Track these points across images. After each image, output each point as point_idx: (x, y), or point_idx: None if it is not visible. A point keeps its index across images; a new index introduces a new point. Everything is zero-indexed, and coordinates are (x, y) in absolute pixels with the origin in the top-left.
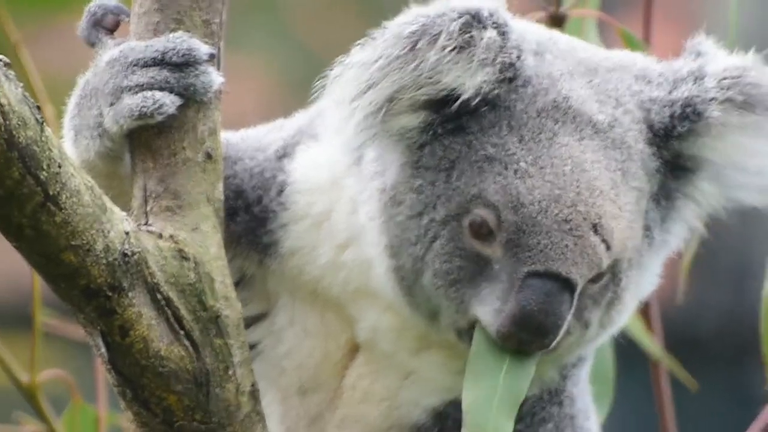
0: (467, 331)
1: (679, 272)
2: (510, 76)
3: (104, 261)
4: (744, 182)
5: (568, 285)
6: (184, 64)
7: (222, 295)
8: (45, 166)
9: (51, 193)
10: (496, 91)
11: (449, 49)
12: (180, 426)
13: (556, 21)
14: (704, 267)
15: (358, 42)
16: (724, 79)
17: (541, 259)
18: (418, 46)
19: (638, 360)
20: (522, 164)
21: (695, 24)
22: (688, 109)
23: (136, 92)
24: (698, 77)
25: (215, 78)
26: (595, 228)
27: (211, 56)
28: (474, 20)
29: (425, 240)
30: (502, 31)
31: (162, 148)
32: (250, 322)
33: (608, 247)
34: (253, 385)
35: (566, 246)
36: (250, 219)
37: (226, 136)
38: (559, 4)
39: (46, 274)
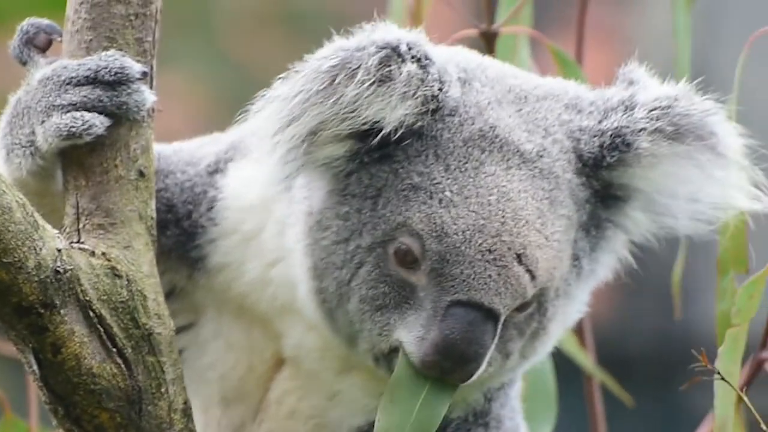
0: (386, 356)
1: (608, 293)
2: (433, 107)
3: (36, 278)
4: (676, 210)
5: (491, 315)
6: (117, 82)
7: (154, 313)
8: None
9: None
10: (419, 123)
11: (368, 83)
12: None
13: (488, 38)
14: (634, 287)
15: (280, 76)
16: (654, 109)
17: (464, 289)
18: (337, 81)
19: (573, 376)
20: (447, 193)
21: (628, 43)
22: (618, 140)
23: (67, 111)
24: (629, 107)
25: (148, 96)
26: (520, 258)
27: (144, 74)
28: (393, 54)
29: (351, 265)
30: (423, 64)
31: (94, 165)
32: (177, 331)
33: (533, 277)
34: (185, 402)
35: (489, 276)
36: (180, 233)
37: (158, 148)
38: (491, 22)
39: None
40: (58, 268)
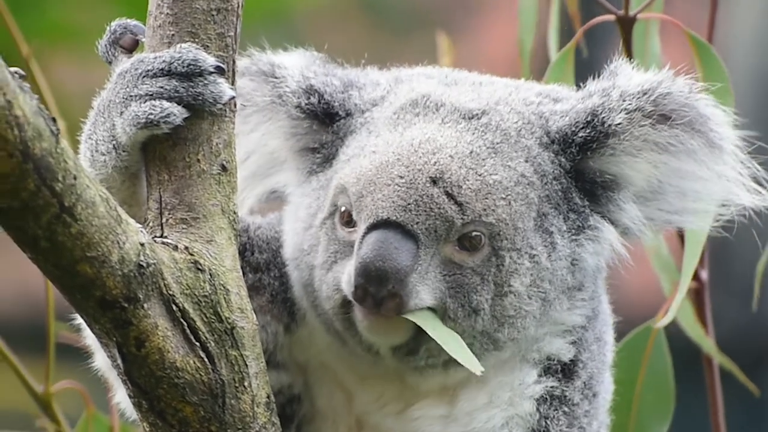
0: (350, 325)
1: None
2: (322, 113)
3: (120, 272)
4: (676, 205)
5: (406, 234)
6: (191, 74)
7: (237, 307)
8: (60, 178)
9: (66, 204)
10: (322, 129)
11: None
12: None
13: (624, 23)
14: (720, 275)
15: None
16: (636, 91)
17: (374, 213)
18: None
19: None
20: (373, 149)
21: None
22: (592, 118)
23: (145, 101)
24: (606, 91)
25: (225, 89)
26: (435, 181)
27: (219, 68)
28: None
29: (314, 246)
30: (270, 81)
31: (177, 160)
32: (287, 399)
33: (457, 203)
34: (268, 396)
35: (398, 195)
36: (282, 274)
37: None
38: (628, 8)
39: (62, 286)
40: (141, 262)
